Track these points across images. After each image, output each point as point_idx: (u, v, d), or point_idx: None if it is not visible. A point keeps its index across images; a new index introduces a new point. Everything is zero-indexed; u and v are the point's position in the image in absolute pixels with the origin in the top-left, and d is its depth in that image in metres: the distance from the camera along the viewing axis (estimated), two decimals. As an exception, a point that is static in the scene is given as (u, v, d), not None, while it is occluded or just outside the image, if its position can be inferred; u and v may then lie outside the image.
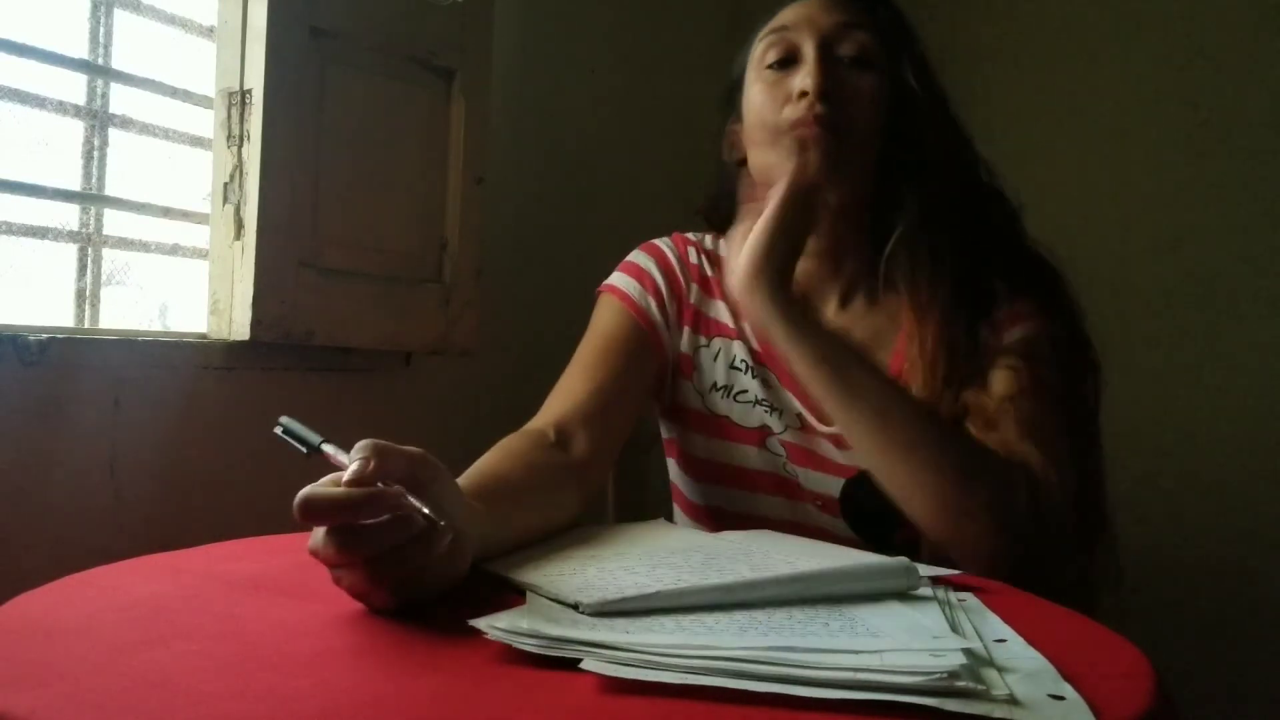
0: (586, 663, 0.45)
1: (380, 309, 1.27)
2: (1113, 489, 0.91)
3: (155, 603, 0.56)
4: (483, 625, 0.49)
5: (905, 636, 0.51)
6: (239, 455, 1.17)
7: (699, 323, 1.00)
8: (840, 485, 0.91)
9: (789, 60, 0.90)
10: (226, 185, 1.16)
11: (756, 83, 0.93)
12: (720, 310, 1.00)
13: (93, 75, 1.12)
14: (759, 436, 0.96)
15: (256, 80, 1.13)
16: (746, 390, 0.96)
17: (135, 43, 1.17)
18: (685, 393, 1.00)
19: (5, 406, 0.96)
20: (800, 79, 0.88)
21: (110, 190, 1.14)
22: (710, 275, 1.02)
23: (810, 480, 0.93)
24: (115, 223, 1.15)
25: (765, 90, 0.91)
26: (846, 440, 0.83)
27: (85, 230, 1.12)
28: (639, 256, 1.04)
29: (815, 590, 0.59)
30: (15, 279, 1.07)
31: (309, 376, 1.26)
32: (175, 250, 1.21)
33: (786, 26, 0.91)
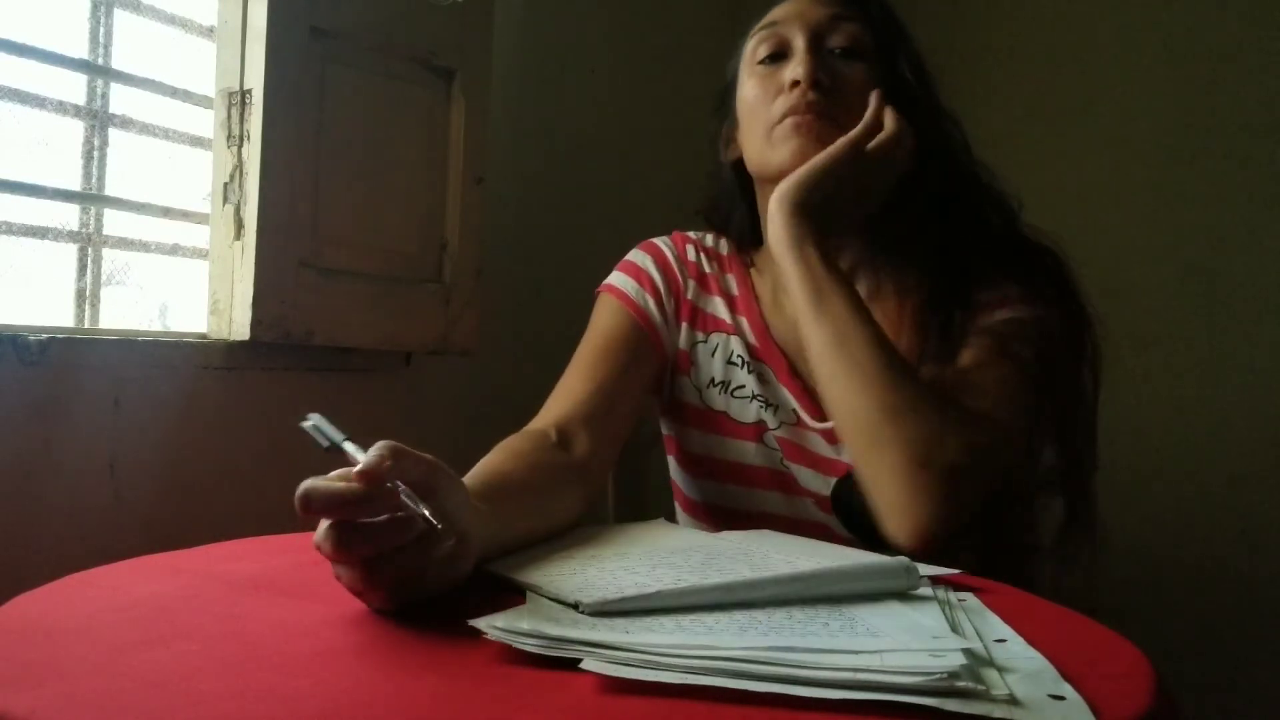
0: (586, 663, 0.45)
1: (380, 309, 1.27)
2: (1113, 488, 0.91)
3: (155, 603, 0.56)
4: (483, 625, 0.49)
5: (905, 636, 0.51)
6: (239, 455, 1.17)
7: (696, 319, 1.00)
8: (833, 483, 0.92)
9: (780, 55, 0.91)
10: (226, 185, 1.16)
11: (749, 79, 0.93)
12: (718, 306, 1.00)
13: (93, 75, 1.12)
14: (756, 432, 0.96)
15: (256, 80, 1.14)
16: (743, 385, 0.97)
17: (135, 43, 1.17)
18: (683, 389, 1.00)
19: (5, 406, 0.97)
20: (791, 69, 0.89)
21: (110, 190, 1.14)
22: (708, 272, 1.02)
23: (805, 477, 0.93)
24: (115, 223, 1.15)
25: (757, 85, 0.92)
26: (811, 358, 0.83)
27: (85, 230, 1.12)
28: (637, 255, 1.04)
29: (815, 590, 0.59)
30: (15, 279, 1.07)
31: (309, 376, 1.26)
32: (175, 250, 1.21)
33: (776, 22, 0.92)
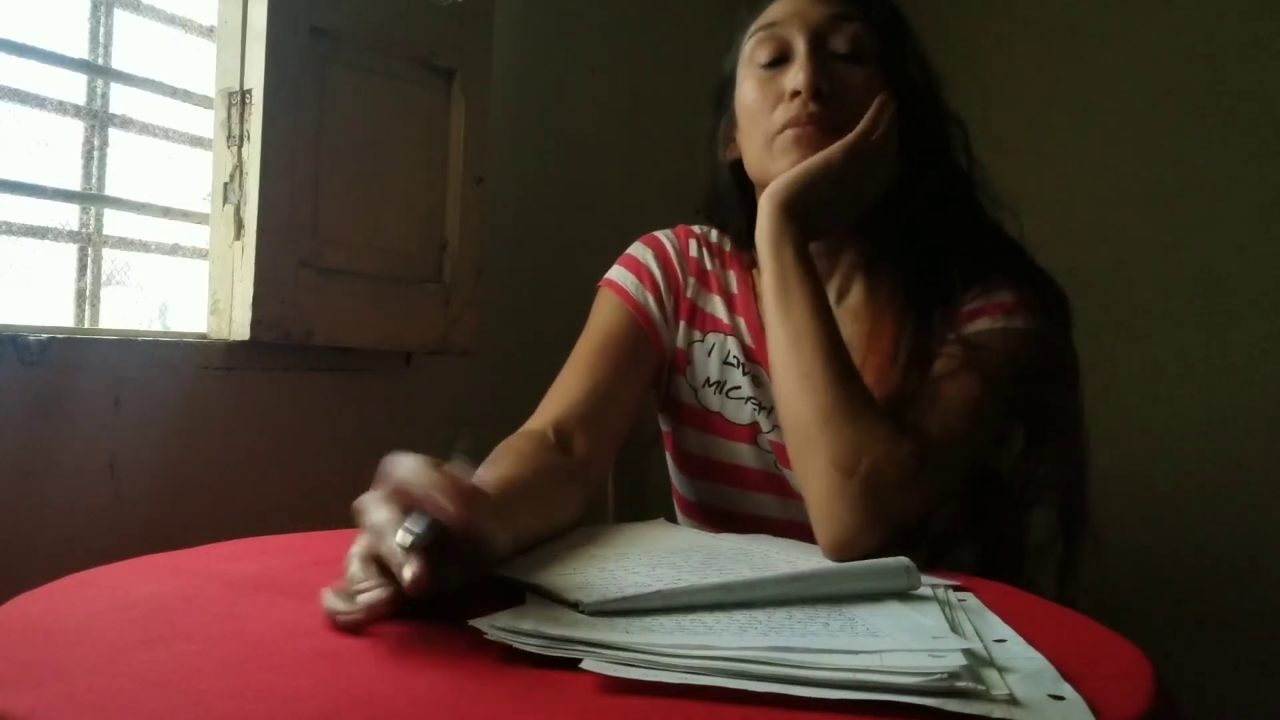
0: (587, 662, 0.45)
1: (380, 309, 1.27)
2: (1113, 488, 0.90)
3: (155, 603, 0.56)
4: (483, 625, 0.49)
5: (905, 636, 0.51)
6: (239, 455, 1.17)
7: (695, 317, 1.00)
8: None
9: (780, 58, 0.89)
10: (226, 185, 1.16)
11: (748, 81, 0.91)
12: (716, 305, 1.00)
13: (93, 75, 1.12)
14: (750, 434, 0.95)
15: (256, 80, 1.13)
16: (739, 386, 0.96)
17: (135, 43, 1.17)
18: (679, 388, 1.00)
19: (5, 406, 0.96)
20: (792, 77, 0.87)
21: (110, 190, 1.14)
22: (709, 269, 1.01)
23: (798, 481, 0.92)
24: (115, 223, 1.15)
25: (757, 89, 0.90)
26: (770, 356, 0.84)
27: (85, 230, 1.12)
28: (639, 249, 1.03)
29: (815, 590, 0.59)
30: (15, 279, 1.07)
31: (309, 376, 1.26)
32: (175, 250, 1.21)
33: (776, 23, 0.89)
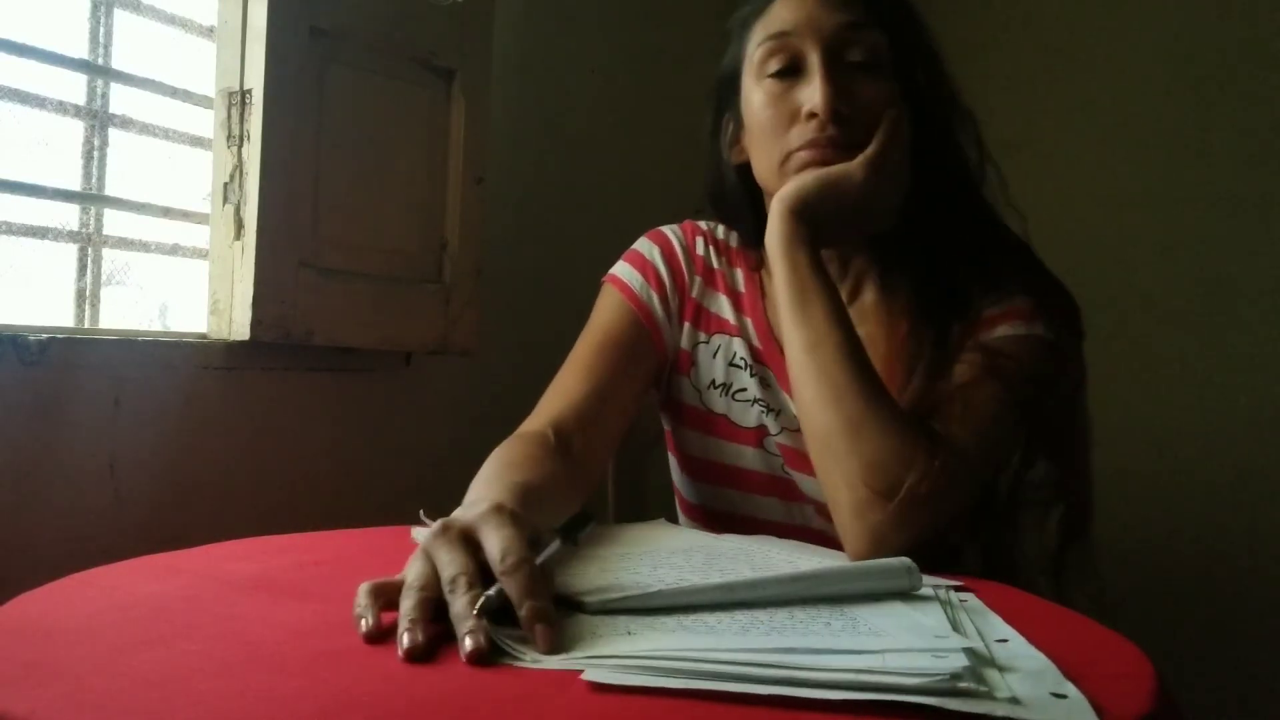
0: (589, 673, 0.45)
1: (380, 309, 1.27)
2: (1114, 488, 0.90)
3: (155, 603, 0.56)
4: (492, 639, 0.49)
5: (907, 636, 0.51)
6: (239, 455, 1.17)
7: (700, 318, 0.99)
8: None
9: (791, 67, 0.86)
10: (226, 185, 1.16)
11: (759, 92, 0.88)
12: (723, 305, 0.99)
13: (93, 75, 1.12)
14: (756, 436, 0.95)
15: (256, 80, 1.13)
16: (745, 389, 0.95)
17: (135, 43, 1.16)
18: (681, 389, 0.99)
19: (5, 406, 0.96)
20: (808, 96, 0.84)
21: (110, 190, 1.14)
22: (715, 267, 1.00)
23: (807, 485, 0.92)
24: (115, 223, 1.14)
25: (769, 104, 0.87)
26: (787, 362, 0.83)
27: (85, 230, 1.12)
28: (644, 245, 1.02)
29: (817, 590, 0.59)
30: (15, 279, 1.07)
31: (309, 376, 1.26)
32: (175, 250, 1.21)
33: (788, 32, 0.86)
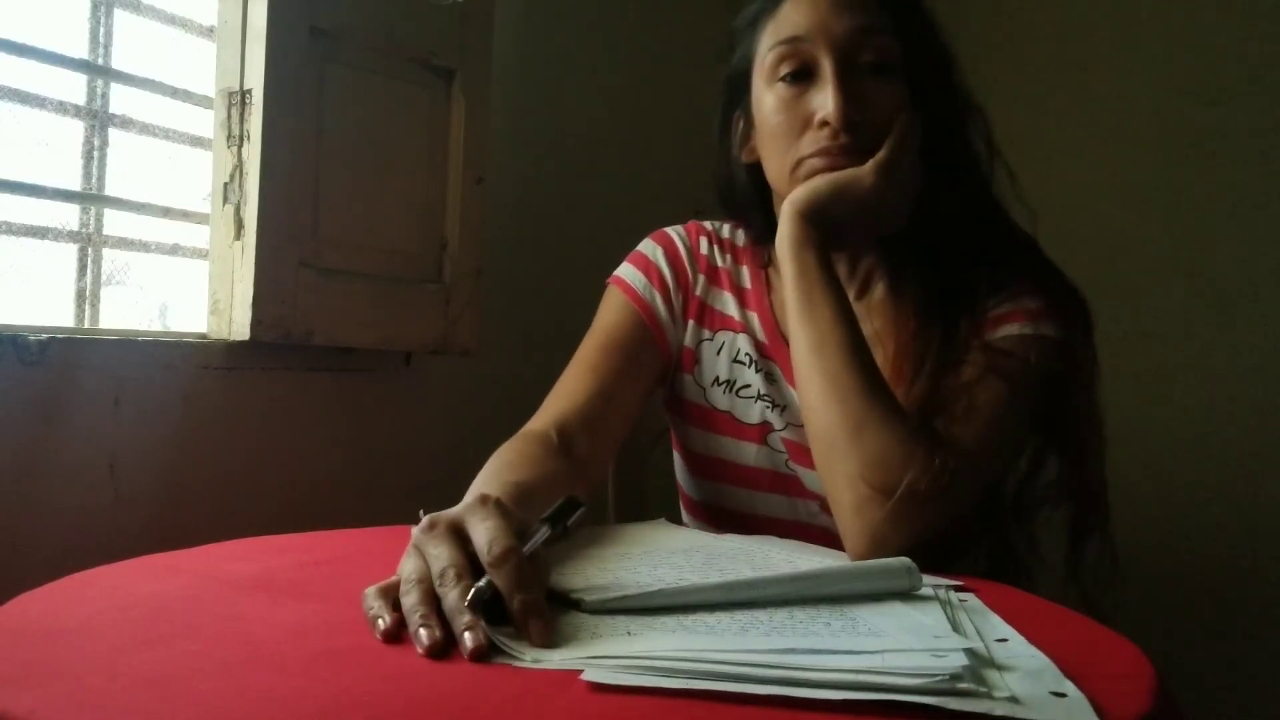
0: (588, 673, 0.45)
1: (380, 309, 1.27)
2: (1113, 488, 0.90)
3: (155, 603, 0.56)
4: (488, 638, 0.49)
5: (907, 637, 0.51)
6: (239, 455, 1.17)
7: (704, 315, 1.00)
8: None
9: (803, 71, 0.86)
10: (226, 185, 1.16)
11: (770, 96, 0.88)
12: (727, 302, 0.99)
13: (93, 75, 1.12)
14: (760, 433, 0.95)
15: (256, 80, 1.13)
16: (749, 385, 0.96)
17: (135, 43, 1.16)
18: (685, 387, 1.00)
19: (5, 406, 0.96)
20: (820, 104, 0.84)
21: (110, 190, 1.14)
22: (720, 266, 1.01)
23: (811, 480, 0.92)
24: (115, 223, 1.14)
25: (781, 109, 0.86)
26: (793, 362, 0.84)
27: (85, 230, 1.12)
28: (648, 246, 1.03)
29: (817, 590, 0.59)
30: (15, 279, 1.07)
31: (309, 376, 1.26)
32: (175, 250, 1.21)
33: (800, 37, 0.85)
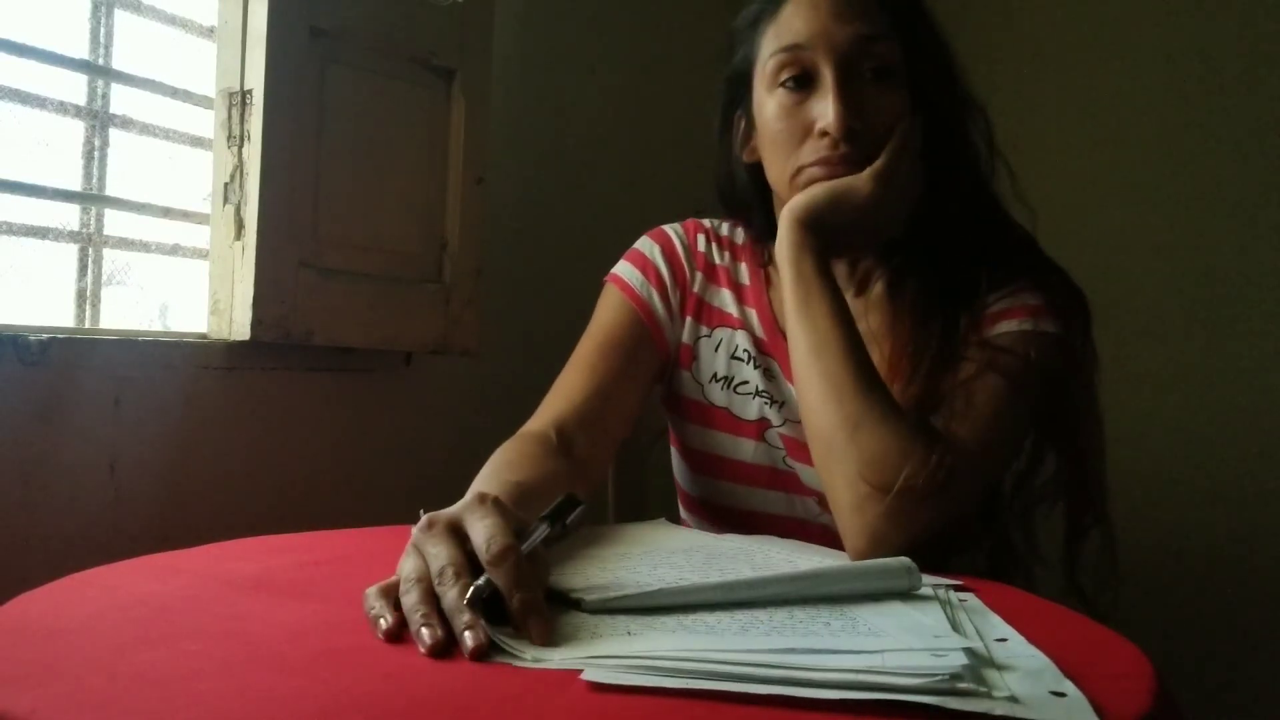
0: (588, 673, 0.45)
1: (380, 309, 1.27)
2: (1113, 488, 0.90)
3: (155, 603, 0.56)
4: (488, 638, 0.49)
5: (907, 636, 0.51)
6: (239, 455, 1.17)
7: (702, 312, 1.00)
8: None
9: (804, 78, 0.86)
10: (227, 185, 1.16)
11: (771, 101, 0.88)
12: (725, 299, 0.99)
13: (93, 75, 1.12)
14: (757, 429, 0.95)
15: (256, 80, 1.13)
16: (747, 381, 0.96)
17: (135, 43, 1.16)
18: (683, 383, 1.00)
19: (5, 406, 0.96)
20: (820, 112, 0.84)
21: (110, 190, 1.14)
22: (718, 263, 1.01)
23: (809, 476, 0.92)
24: (115, 223, 1.14)
25: (781, 116, 0.87)
26: (792, 365, 0.84)
27: (85, 230, 1.12)
28: (645, 244, 1.03)
29: (817, 590, 0.59)
30: (15, 279, 1.07)
31: (309, 376, 1.26)
32: (175, 250, 1.21)
33: (800, 45, 0.85)
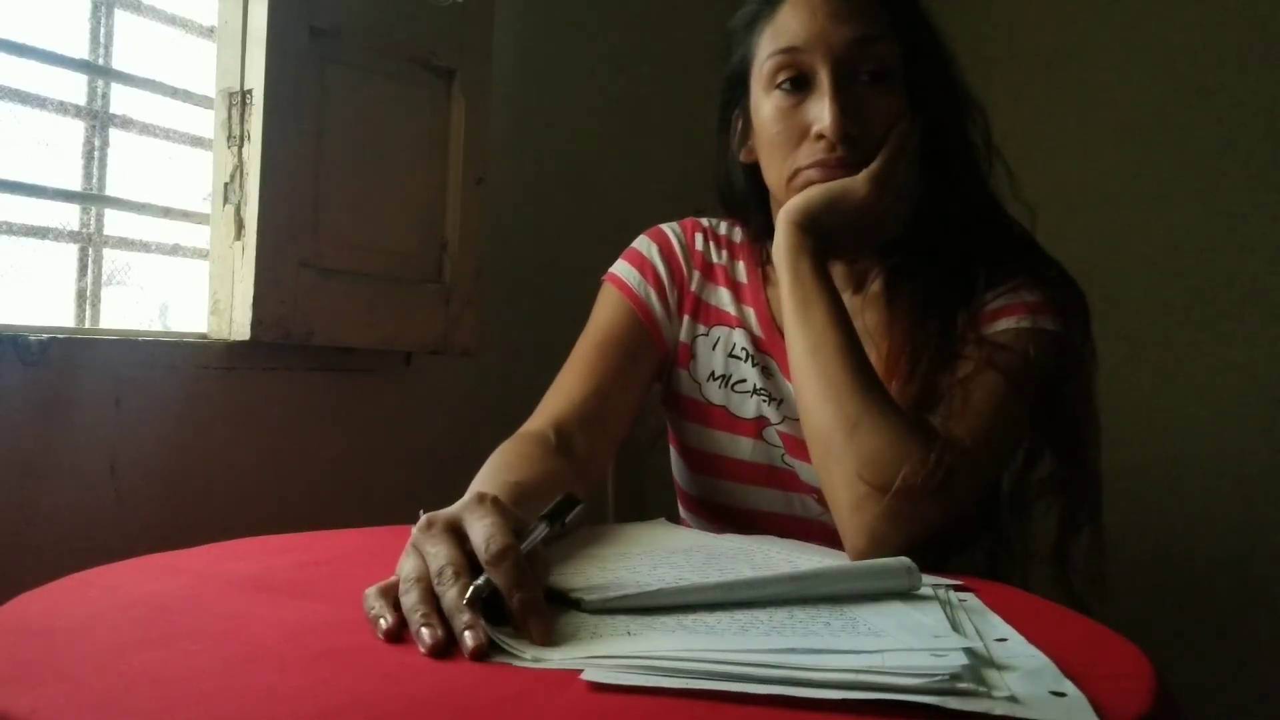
0: (588, 673, 0.45)
1: (380, 309, 1.27)
2: (1113, 487, 0.90)
3: (155, 603, 0.56)
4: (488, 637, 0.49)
5: (907, 636, 0.51)
6: (239, 455, 1.17)
7: (699, 311, 1.00)
8: None
9: (801, 80, 0.86)
10: (227, 185, 1.16)
11: (768, 104, 0.88)
12: (723, 298, 0.99)
13: (93, 75, 1.12)
14: (755, 427, 0.95)
15: (257, 80, 1.13)
16: (745, 379, 0.96)
17: (135, 43, 1.16)
18: (681, 382, 1.00)
19: (5, 406, 0.96)
20: (817, 116, 0.84)
21: (110, 190, 1.14)
22: (716, 262, 1.01)
23: (807, 473, 0.92)
24: (115, 223, 1.14)
25: (778, 119, 0.87)
26: (790, 367, 0.84)
27: (86, 230, 1.12)
28: (642, 243, 1.03)
29: (816, 590, 0.59)
30: (15, 279, 1.07)
31: (309, 376, 1.26)
32: (175, 250, 1.21)
33: (798, 48, 0.85)
